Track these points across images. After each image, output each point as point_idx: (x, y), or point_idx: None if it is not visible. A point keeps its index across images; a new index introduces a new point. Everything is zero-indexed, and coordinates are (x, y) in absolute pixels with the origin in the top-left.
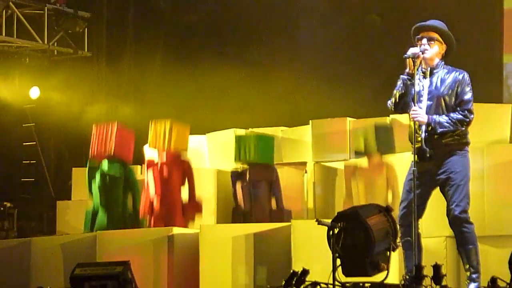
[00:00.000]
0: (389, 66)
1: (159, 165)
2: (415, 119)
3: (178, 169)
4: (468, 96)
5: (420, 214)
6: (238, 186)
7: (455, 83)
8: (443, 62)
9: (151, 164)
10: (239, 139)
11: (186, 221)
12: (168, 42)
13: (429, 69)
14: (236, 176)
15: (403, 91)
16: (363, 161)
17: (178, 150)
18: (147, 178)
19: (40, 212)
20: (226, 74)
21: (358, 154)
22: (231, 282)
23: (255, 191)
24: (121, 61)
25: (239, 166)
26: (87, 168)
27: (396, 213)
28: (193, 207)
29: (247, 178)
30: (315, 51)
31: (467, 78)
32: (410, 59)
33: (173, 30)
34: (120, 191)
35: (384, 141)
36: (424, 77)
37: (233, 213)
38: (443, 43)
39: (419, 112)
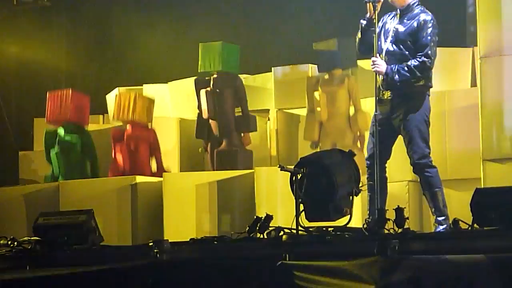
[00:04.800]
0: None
1: (125, 138)
2: (373, 69)
3: (144, 141)
4: (427, 40)
5: (385, 157)
6: (202, 93)
7: (417, 25)
8: (416, 2)
9: (117, 137)
10: (204, 48)
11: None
12: None
13: (399, 10)
14: (201, 84)
15: (361, 36)
16: (324, 74)
17: (143, 121)
18: (114, 153)
19: (2, 163)
20: (187, 21)
21: (321, 69)
22: (195, 229)
23: (220, 99)
24: (81, 11)
25: (204, 75)
26: (43, 136)
27: (359, 158)
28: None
29: (211, 85)
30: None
31: (430, 21)
32: (370, 3)
33: None
34: (78, 157)
35: (345, 56)
36: (396, 18)
37: (197, 122)
38: None
39: (378, 62)
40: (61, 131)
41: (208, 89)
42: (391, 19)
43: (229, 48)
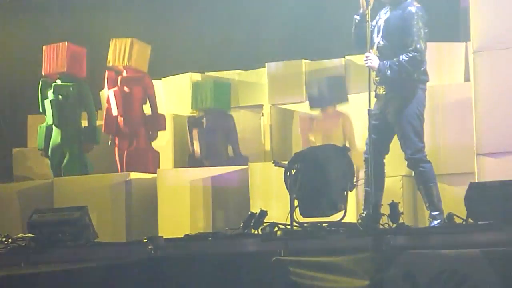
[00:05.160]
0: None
1: (119, 82)
2: (366, 64)
3: (139, 85)
4: (414, 32)
5: (384, 151)
6: (195, 133)
7: (403, 19)
8: None
9: (111, 81)
10: (195, 86)
11: (149, 138)
12: None
13: (390, 4)
14: (193, 122)
15: (354, 30)
16: (318, 114)
17: (139, 67)
18: (107, 96)
19: None
20: (181, 16)
21: (313, 106)
22: (189, 225)
23: (212, 138)
24: (74, 4)
25: (196, 113)
26: (39, 87)
27: (353, 153)
28: (155, 122)
29: (204, 125)
30: None
31: (415, 13)
32: None
33: None
34: (74, 108)
35: (337, 91)
36: (389, 12)
37: (189, 160)
38: None
39: (371, 57)
40: (58, 81)
41: (201, 128)
42: (384, 13)
43: (221, 86)
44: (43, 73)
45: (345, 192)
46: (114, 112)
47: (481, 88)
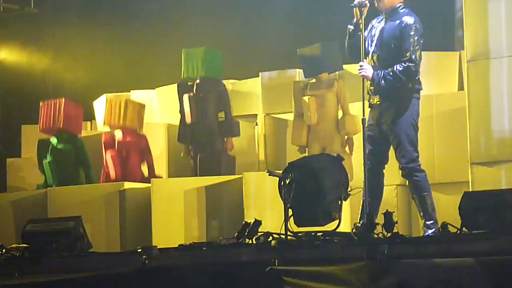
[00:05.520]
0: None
1: (116, 145)
2: (360, 74)
3: (136, 146)
4: (410, 44)
5: (382, 160)
6: (185, 98)
7: (400, 29)
8: (401, 5)
9: (108, 144)
10: (187, 54)
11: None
12: None
13: (384, 13)
14: (183, 89)
15: (348, 40)
16: (312, 79)
17: (134, 127)
18: (105, 159)
19: None
20: (172, 26)
21: (307, 75)
22: (183, 235)
23: (203, 104)
24: (68, 17)
25: (187, 80)
26: (36, 146)
27: (347, 164)
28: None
29: (194, 91)
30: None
31: (412, 24)
32: (357, 8)
33: None
34: (71, 165)
35: (331, 60)
36: (384, 21)
37: (180, 127)
38: None
39: (365, 67)
40: (53, 140)
41: (191, 94)
42: (378, 22)
43: (212, 54)
44: (39, 129)
45: (340, 201)
46: (112, 176)
47: (475, 97)
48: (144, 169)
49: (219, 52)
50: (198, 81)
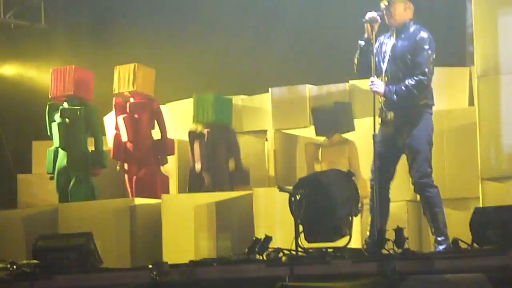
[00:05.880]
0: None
1: (127, 109)
2: (372, 89)
3: (147, 110)
4: (423, 58)
5: (389, 178)
6: (196, 146)
7: (413, 44)
8: (412, 21)
9: (119, 108)
10: (197, 100)
11: (158, 162)
12: (126, 12)
13: (395, 29)
14: (194, 136)
15: (360, 57)
16: (324, 141)
17: (145, 92)
18: (116, 122)
19: (0, 186)
20: (185, 42)
21: (319, 133)
22: (194, 251)
23: (213, 151)
24: (79, 33)
25: (197, 127)
26: (46, 110)
27: (358, 182)
28: (165, 147)
29: (205, 139)
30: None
31: (427, 39)
32: (368, 24)
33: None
34: (81, 131)
35: (344, 120)
36: (393, 37)
37: (190, 174)
38: (408, 1)
39: (376, 82)
40: (64, 105)
41: (202, 141)
42: (387, 38)
43: (222, 100)
44: (50, 96)
45: (350, 217)
46: (124, 138)
47: (485, 113)
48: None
49: (229, 99)
50: (208, 129)
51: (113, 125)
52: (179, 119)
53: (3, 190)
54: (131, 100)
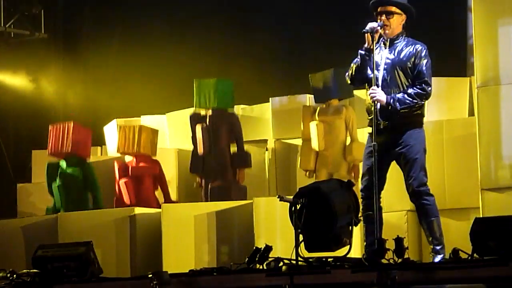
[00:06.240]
0: (351, 42)
1: (130, 171)
2: (373, 98)
3: (149, 173)
4: (425, 68)
5: (380, 187)
6: (198, 129)
7: (412, 54)
8: (404, 33)
9: (122, 171)
10: (199, 85)
11: None
12: (126, 22)
13: (388, 40)
14: (196, 119)
15: (359, 65)
16: (322, 104)
17: (148, 153)
18: (119, 186)
19: (0, 196)
20: (184, 50)
21: (318, 100)
22: (194, 260)
23: (215, 134)
24: (79, 42)
25: (199, 111)
26: (45, 169)
27: (358, 187)
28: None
29: (207, 122)
30: (274, 28)
31: (425, 50)
32: (369, 34)
33: (131, 10)
34: (80, 189)
35: (342, 87)
36: (385, 47)
37: (192, 159)
38: (402, 13)
39: (378, 91)
40: (63, 164)
41: (204, 125)
42: (380, 50)
43: (224, 84)
44: (47, 153)
45: (350, 227)
46: (127, 202)
47: (485, 123)
48: (159, 195)
49: (231, 82)
50: (210, 112)
51: (117, 188)
52: (178, 128)
53: (3, 199)
54: (133, 163)
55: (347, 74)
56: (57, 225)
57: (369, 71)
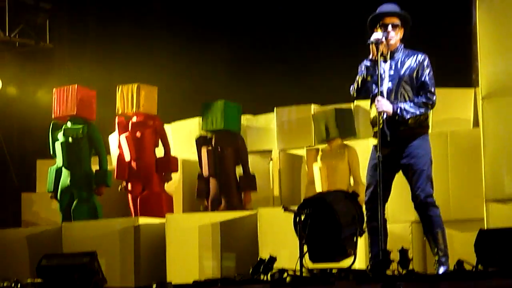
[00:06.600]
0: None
1: (130, 128)
2: (379, 109)
3: (150, 129)
4: (429, 77)
5: (385, 199)
6: (204, 151)
7: (415, 65)
8: (402, 45)
9: (122, 127)
10: (206, 107)
11: (163, 181)
12: (131, 32)
13: (389, 52)
14: (202, 141)
15: (366, 77)
16: (325, 146)
17: (148, 111)
18: (119, 142)
19: (4, 205)
20: (188, 60)
21: (320, 140)
22: (198, 271)
23: (221, 157)
24: (83, 52)
25: (205, 132)
26: (49, 129)
27: (362, 198)
28: (169, 164)
29: (213, 144)
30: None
31: (427, 59)
32: (373, 45)
33: (136, 20)
34: (84, 150)
35: (345, 126)
36: (385, 60)
37: (198, 179)
38: (402, 27)
39: (383, 102)
40: (67, 124)
41: (209, 147)
42: (383, 62)
43: (231, 107)
44: (53, 116)
45: (355, 238)
46: (127, 157)
47: (490, 134)
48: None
49: (239, 106)
50: (216, 135)
51: (116, 144)
52: (183, 138)
53: (7, 208)
54: (134, 119)
55: (351, 88)
56: (61, 235)
57: (373, 84)
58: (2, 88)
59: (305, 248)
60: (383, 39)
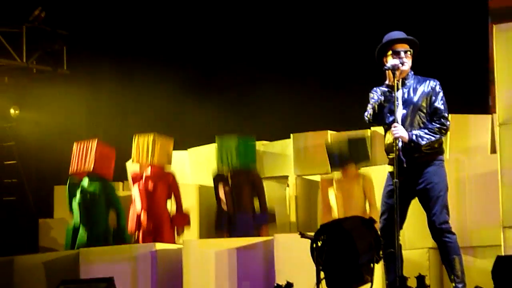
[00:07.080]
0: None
1: (143, 180)
2: (396, 135)
3: (163, 182)
4: (442, 103)
5: (400, 226)
6: (221, 190)
7: (428, 91)
8: (412, 72)
9: (136, 179)
10: (220, 143)
11: (174, 234)
12: (148, 59)
13: (400, 80)
14: (219, 180)
15: (381, 103)
16: (339, 174)
17: (162, 164)
18: (133, 194)
19: (22, 231)
20: (205, 86)
21: (334, 167)
22: None
23: (238, 194)
24: (101, 78)
25: (222, 171)
26: (67, 186)
27: (374, 213)
28: (181, 219)
29: (230, 182)
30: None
31: (438, 85)
32: (390, 71)
33: (153, 46)
34: (101, 208)
35: (359, 153)
36: (397, 88)
37: (217, 218)
38: (411, 53)
39: (399, 128)
40: (84, 181)
41: (227, 187)
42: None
43: (245, 142)
44: (70, 172)
45: (372, 264)
46: (138, 207)
47: (507, 160)
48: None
49: (253, 141)
50: (232, 173)
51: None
52: (200, 164)
53: (25, 234)
54: (148, 171)
55: (366, 114)
56: (78, 261)
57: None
58: (19, 114)
59: (322, 274)
60: (400, 65)
